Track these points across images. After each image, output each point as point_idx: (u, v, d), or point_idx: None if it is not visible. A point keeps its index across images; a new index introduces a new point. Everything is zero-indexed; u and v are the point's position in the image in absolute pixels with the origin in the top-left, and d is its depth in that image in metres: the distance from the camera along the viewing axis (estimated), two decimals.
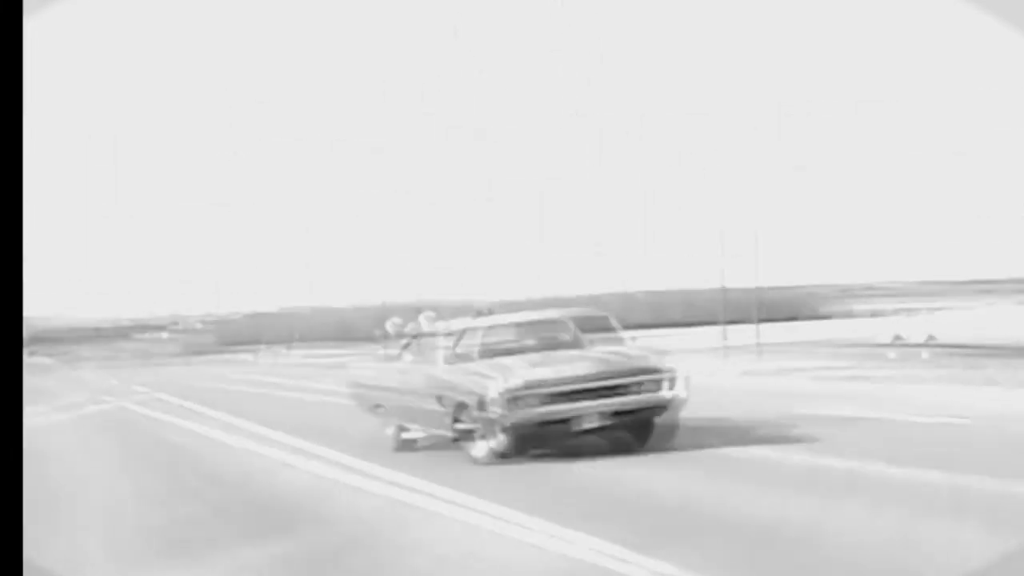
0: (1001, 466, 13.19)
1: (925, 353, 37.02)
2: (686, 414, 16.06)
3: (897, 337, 40.55)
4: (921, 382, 26.97)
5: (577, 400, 15.06)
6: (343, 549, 10.47)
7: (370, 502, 12.92)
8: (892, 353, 37.55)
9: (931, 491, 11.95)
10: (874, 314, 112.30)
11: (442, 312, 19.29)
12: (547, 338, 17.00)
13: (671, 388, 15.47)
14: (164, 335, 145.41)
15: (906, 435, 16.89)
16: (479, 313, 17.26)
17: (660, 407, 15.51)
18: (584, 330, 17.25)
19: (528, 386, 14.96)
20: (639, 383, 15.37)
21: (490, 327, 16.94)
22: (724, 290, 52.50)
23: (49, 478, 16.50)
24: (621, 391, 15.30)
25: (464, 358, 16.16)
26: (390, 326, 26.65)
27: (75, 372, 64.92)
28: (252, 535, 11.17)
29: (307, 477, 15.18)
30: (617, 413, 15.30)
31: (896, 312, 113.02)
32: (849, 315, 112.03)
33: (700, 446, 15.62)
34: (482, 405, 15.01)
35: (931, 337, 40.21)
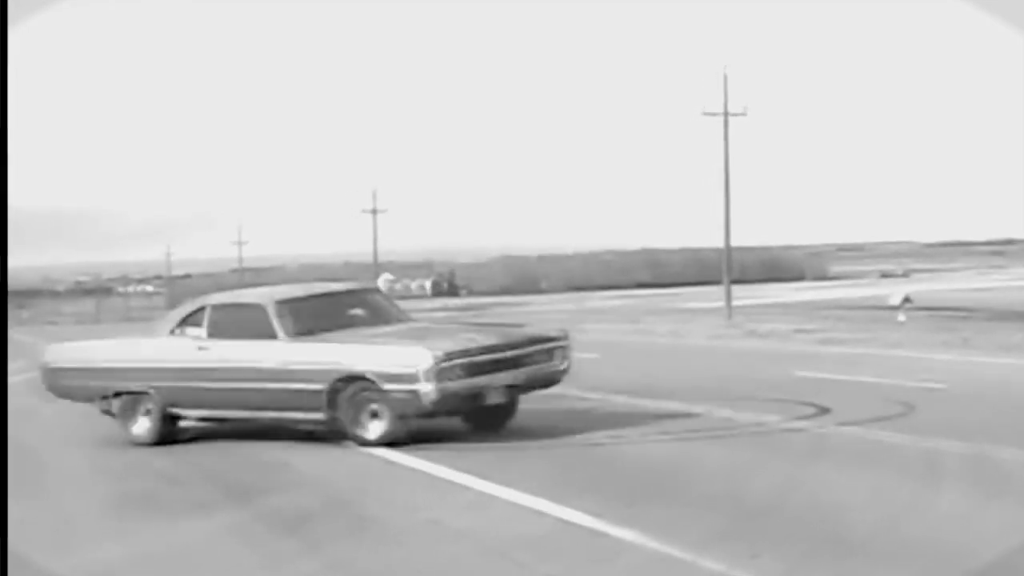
0: None
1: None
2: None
3: (907, 300, 39.58)
4: None
5: (491, 372, 13.35)
6: None
7: None
8: (902, 315, 36.74)
9: None
10: (884, 275, 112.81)
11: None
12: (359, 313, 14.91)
13: (564, 360, 14.13)
14: (149, 288, 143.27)
15: None
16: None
17: (552, 380, 14.17)
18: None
19: (460, 354, 13.17)
20: (537, 353, 13.86)
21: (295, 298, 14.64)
22: (728, 248, 51.48)
23: None
24: (525, 362, 13.69)
25: (306, 333, 13.97)
26: (382, 283, 25.41)
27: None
28: None
29: None
30: (514, 387, 13.64)
31: (906, 273, 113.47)
32: (858, 276, 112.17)
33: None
34: (400, 378, 13.06)
35: (907, 299, 39.62)
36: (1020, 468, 10.86)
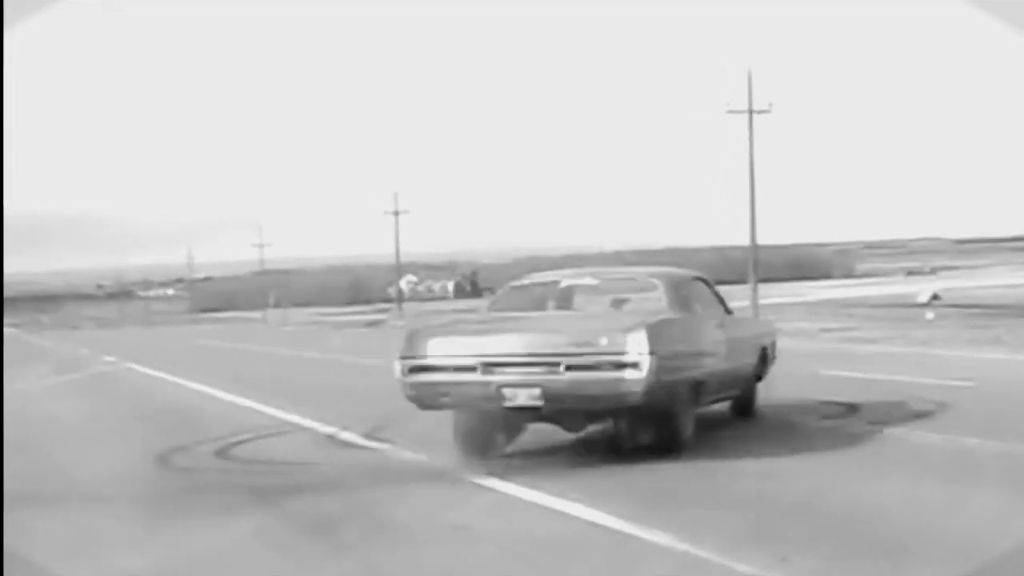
0: None
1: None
2: None
3: (935, 297, 39.40)
4: None
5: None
6: None
7: None
8: (930, 313, 36.53)
9: None
10: (910, 272, 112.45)
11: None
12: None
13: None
14: (170, 292, 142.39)
15: None
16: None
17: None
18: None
19: None
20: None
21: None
22: (754, 247, 51.28)
23: None
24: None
25: None
26: (405, 284, 25.16)
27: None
28: None
29: None
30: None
31: (933, 271, 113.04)
32: (885, 273, 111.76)
33: None
34: None
35: (935, 297, 39.48)
36: None
